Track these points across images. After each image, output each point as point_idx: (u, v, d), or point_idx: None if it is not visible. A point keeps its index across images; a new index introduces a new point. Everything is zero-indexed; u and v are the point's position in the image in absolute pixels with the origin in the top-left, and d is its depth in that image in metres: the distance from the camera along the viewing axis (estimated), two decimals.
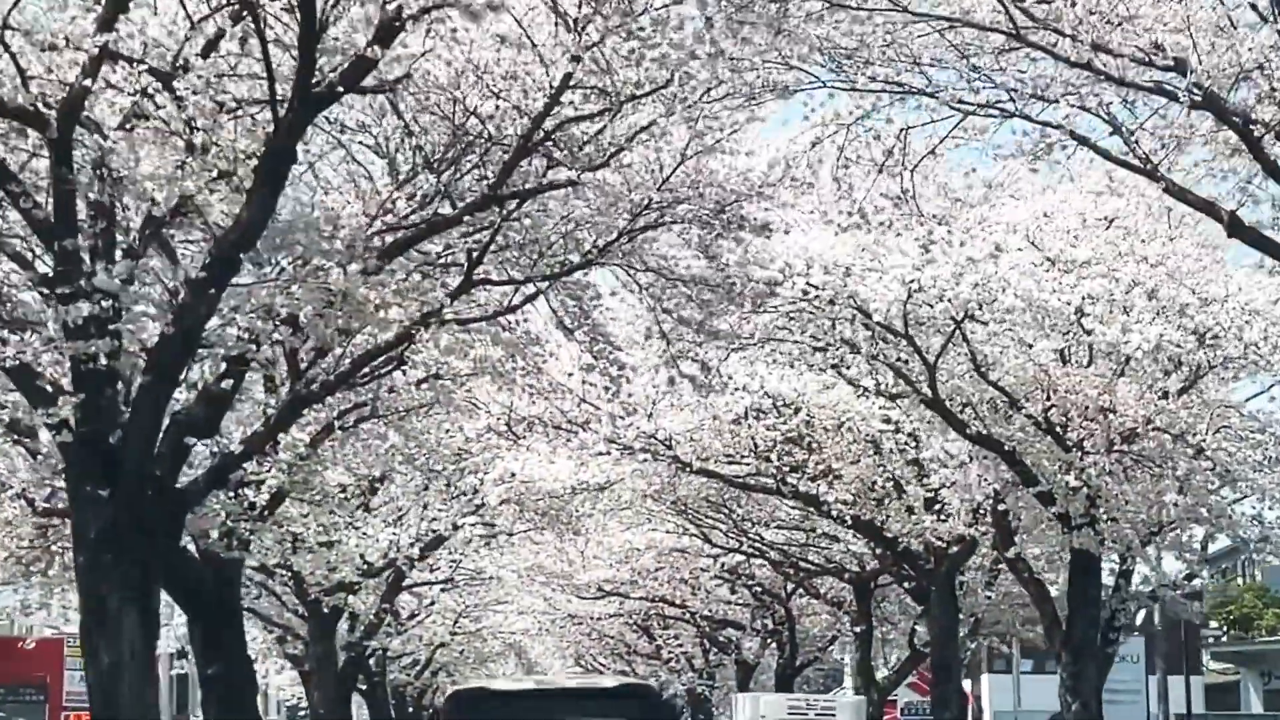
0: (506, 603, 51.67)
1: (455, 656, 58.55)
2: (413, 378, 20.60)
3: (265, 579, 30.41)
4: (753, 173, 17.57)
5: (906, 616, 39.93)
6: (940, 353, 21.47)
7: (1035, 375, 21.58)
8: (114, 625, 12.98)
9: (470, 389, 23.14)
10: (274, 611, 32.25)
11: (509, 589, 48.31)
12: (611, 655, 65.94)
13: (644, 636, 59.86)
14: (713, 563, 41.74)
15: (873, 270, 20.40)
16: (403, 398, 21.66)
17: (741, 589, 46.01)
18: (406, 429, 22.50)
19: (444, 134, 16.97)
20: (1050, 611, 23.28)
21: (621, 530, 39.67)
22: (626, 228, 17.45)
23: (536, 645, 66.38)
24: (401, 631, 44.89)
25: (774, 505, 36.79)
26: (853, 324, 21.84)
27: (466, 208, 15.06)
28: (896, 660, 40.02)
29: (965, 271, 19.81)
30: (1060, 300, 20.05)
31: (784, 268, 19.89)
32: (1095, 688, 22.51)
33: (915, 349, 21.36)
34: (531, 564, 44.71)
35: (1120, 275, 20.50)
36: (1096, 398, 20.96)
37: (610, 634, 60.62)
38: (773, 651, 50.31)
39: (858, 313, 21.10)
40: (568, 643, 63.71)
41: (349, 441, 22.09)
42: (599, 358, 19.50)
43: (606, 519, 38.05)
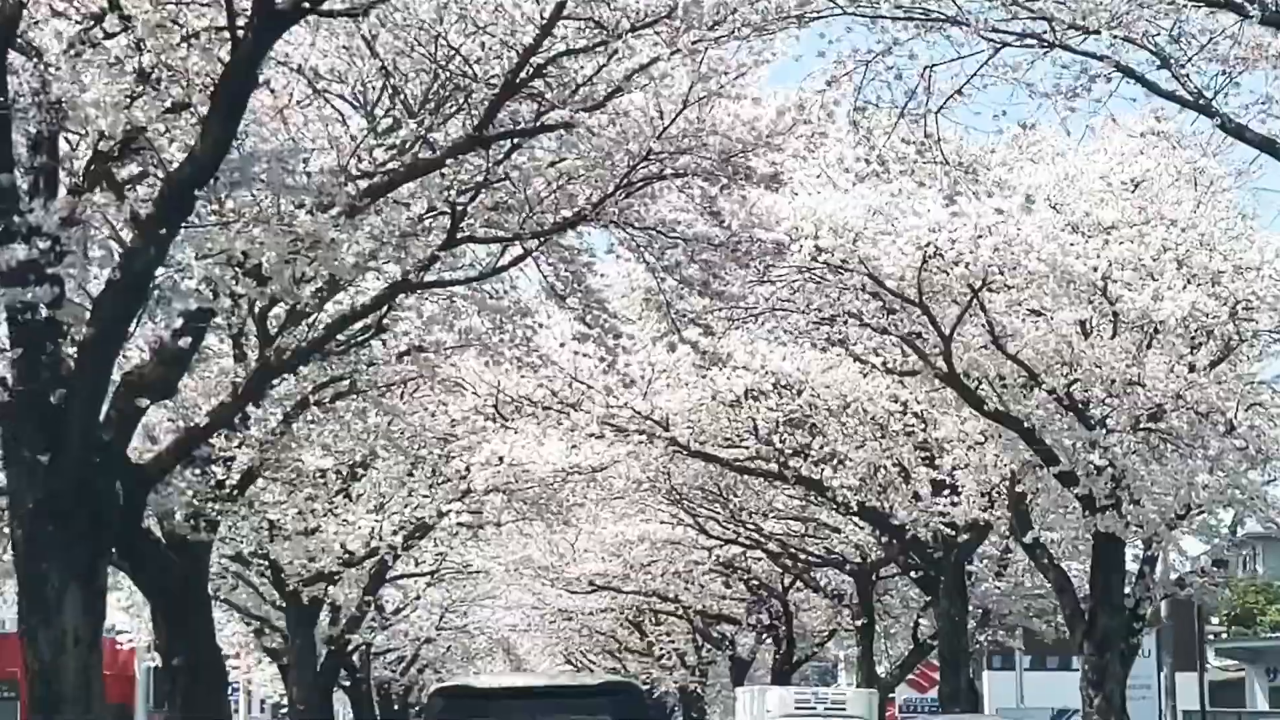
0: (494, 597, 50.33)
1: (442, 653, 57.22)
2: (393, 349, 19.24)
3: (241, 569, 29.06)
4: (760, 122, 16.24)
5: (908, 610, 38.65)
6: (956, 324, 20.14)
7: (1057, 348, 20.26)
8: (54, 607, 11.60)
9: (455, 364, 21.74)
10: (251, 603, 30.86)
11: (497, 583, 46.99)
12: (602, 652, 64.60)
13: (635, 633, 58.52)
14: (707, 556, 40.40)
15: (886, 234, 19.09)
16: (383, 372, 20.31)
17: (737, 583, 44.72)
18: (387, 406, 21.13)
19: (424, 80, 15.66)
20: (1071, 600, 21.97)
21: (614, 522, 38.33)
22: (623, 181, 16.13)
23: (525, 642, 65.02)
24: (386, 626, 43.53)
25: (772, 495, 35.49)
26: (862, 294, 20.51)
27: (450, 150, 13.72)
28: (899, 655, 38.67)
29: (985, 234, 18.51)
30: (1085, 265, 18.75)
31: (791, 230, 18.55)
32: (1119, 681, 21.22)
33: (930, 319, 20.04)
34: (520, 557, 43.38)
35: (1149, 239, 19.20)
36: (1124, 370, 19.63)
37: (601, 630, 59.29)
38: (768, 647, 48.98)
39: (869, 279, 19.77)
40: (557, 639, 62.35)
41: (327, 420, 20.71)
42: (593, 326, 18.15)
43: (598, 509, 36.73)
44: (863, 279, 19.87)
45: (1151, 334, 20.29)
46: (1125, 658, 21.73)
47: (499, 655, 66.99)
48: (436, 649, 53.96)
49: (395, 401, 21.31)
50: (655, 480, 32.82)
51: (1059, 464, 20.47)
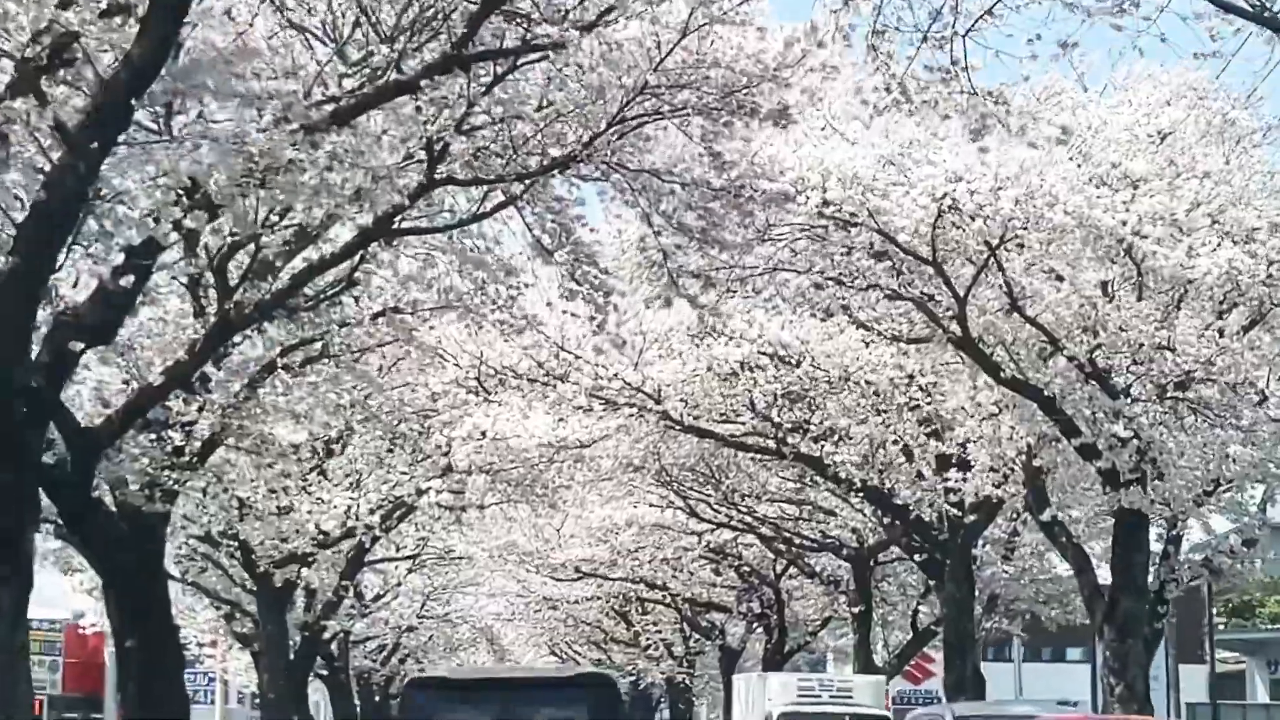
0: (477, 585, 48.90)
1: (424, 642, 55.71)
2: (366, 308, 17.81)
3: (210, 549, 27.67)
4: (766, 54, 14.86)
5: (906, 597, 37.31)
6: (972, 284, 18.77)
7: (1079, 310, 18.89)
8: None
9: (434, 328, 20.32)
10: (221, 586, 29.43)
11: (480, 569, 45.56)
12: (587, 643, 63.17)
13: (621, 623, 57.10)
14: (697, 541, 39.01)
15: (898, 185, 17.72)
16: (356, 335, 18.88)
17: (727, 570, 43.34)
18: (361, 372, 19.70)
19: (400, 4, 14.27)
20: (1091, 581, 20.60)
21: (601, 505, 36.93)
22: (616, 119, 14.74)
23: (509, 631, 63.47)
24: (365, 613, 42.05)
25: (765, 477, 34.12)
26: (871, 253, 19.13)
27: (426, 70, 12.29)
28: (897, 644, 37.30)
29: (1006, 185, 17.14)
30: (1113, 219, 17.38)
31: (797, 181, 17.17)
32: (1143, 667, 19.85)
33: (944, 279, 18.67)
34: (504, 542, 41.99)
35: (1181, 193, 17.84)
36: (1153, 334, 18.27)
37: (586, 620, 57.84)
38: (758, 636, 47.62)
39: (878, 235, 18.40)
40: (542, 629, 60.84)
41: (297, 387, 19.26)
42: (582, 283, 16.77)
43: (585, 491, 35.34)
44: (871, 236, 18.50)
45: (1180, 296, 18.94)
46: (1149, 643, 20.38)
47: (482, 645, 65.49)
48: (418, 638, 52.47)
49: (370, 368, 19.83)
50: (645, 460, 31.44)
51: (1080, 436, 19.13)
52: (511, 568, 44.38)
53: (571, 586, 48.17)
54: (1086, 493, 21.02)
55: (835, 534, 33.54)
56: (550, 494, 33.28)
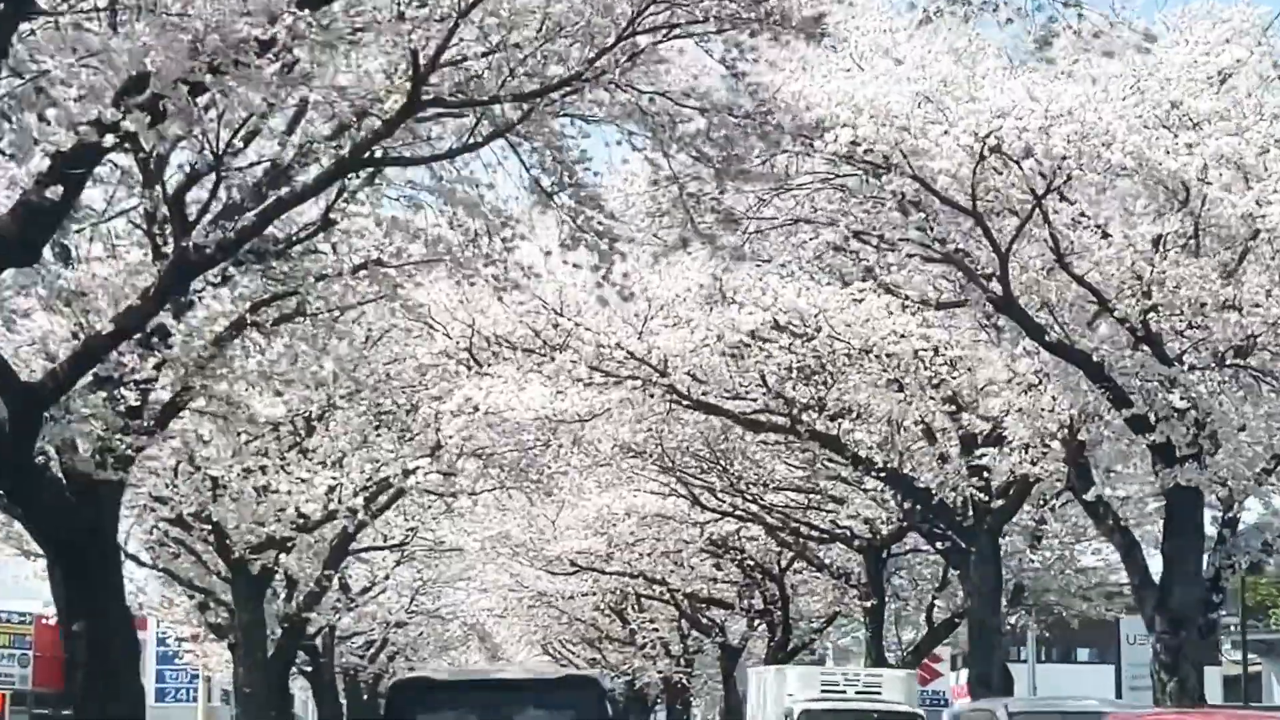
0: (469, 579, 47.09)
1: (413, 639, 53.92)
2: (345, 256, 16.01)
3: (182, 533, 25.87)
4: None
5: (918, 591, 35.60)
6: (1015, 236, 17.01)
7: (1131, 268, 17.13)
8: None
9: (421, 283, 18.48)
10: (194, 573, 27.63)
11: (471, 562, 43.76)
12: (581, 641, 61.42)
13: (617, 620, 55.33)
14: (699, 533, 37.25)
15: (936, 123, 15.98)
16: (335, 291, 17.09)
17: (729, 564, 41.59)
18: (342, 331, 17.89)
19: None
20: (1141, 567, 18.82)
21: (598, 493, 35.19)
22: (626, 31, 13.00)
23: (501, 629, 61.69)
24: (352, 607, 40.27)
25: (772, 464, 32.40)
26: (901, 204, 17.37)
27: None
28: (910, 641, 35.54)
29: (1059, 121, 15.40)
30: (1177, 162, 15.64)
31: (824, 119, 15.42)
32: (1196, 664, 18.10)
33: (985, 230, 16.91)
34: (497, 533, 40.21)
35: (1250, 135, 16.09)
36: (1217, 292, 16.52)
37: (581, 618, 56.08)
38: (760, 634, 45.93)
39: (912, 182, 16.64)
40: (535, 626, 59.04)
41: (270, 348, 17.43)
42: (585, 229, 15.02)
43: (582, 478, 33.62)
44: (904, 183, 16.73)
45: (1243, 251, 17.19)
46: (1204, 635, 18.65)
47: (474, 643, 63.69)
48: (408, 635, 50.66)
49: (352, 332, 18.03)
50: (646, 444, 29.73)
51: (1130, 407, 17.39)
52: (504, 560, 42.60)
53: (567, 581, 46.44)
54: (1135, 470, 19.25)
55: (846, 524, 31.81)
56: (545, 480, 31.61)
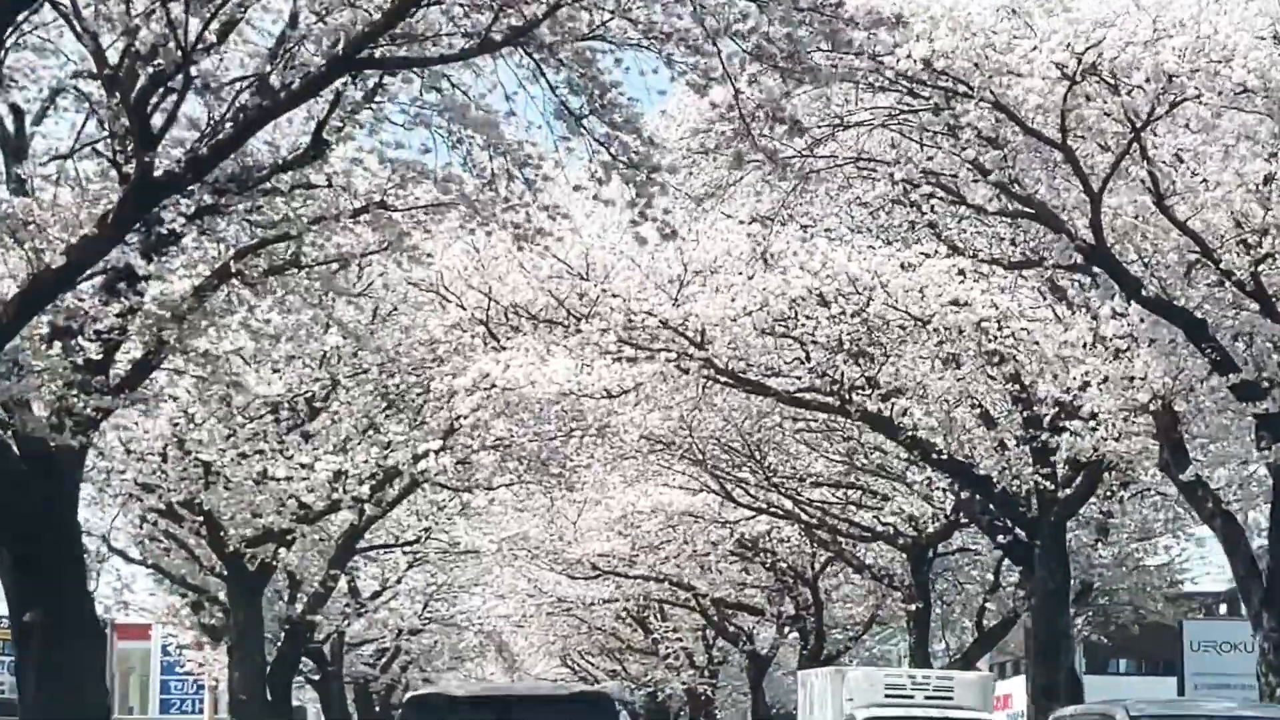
0: (485, 584, 44.85)
1: (427, 649, 51.67)
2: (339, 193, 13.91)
3: (172, 525, 23.76)
4: None
5: (962, 594, 33.41)
6: (1110, 175, 14.87)
7: (1241, 211, 14.99)
8: None
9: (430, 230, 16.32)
10: (186, 570, 25.51)
11: (487, 565, 41.54)
12: (601, 652, 59.23)
13: (639, 629, 53.12)
14: (728, 535, 35.06)
15: (1022, 38, 13.86)
16: (333, 238, 14.99)
17: (758, 568, 39.40)
18: (340, 288, 15.77)
19: None
20: (1246, 556, 16.66)
21: (623, 488, 33.03)
22: None
23: (519, 639, 59.45)
24: (361, 612, 38.13)
25: (809, 458, 30.26)
26: (979, 141, 15.24)
27: None
28: (958, 648, 33.30)
29: (1168, 34, 13.28)
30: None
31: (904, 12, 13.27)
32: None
33: (1075, 167, 14.77)
34: (514, 534, 38.04)
35: None
36: None
37: (601, 627, 53.86)
38: (791, 642, 43.73)
39: (992, 110, 14.52)
40: (554, 636, 56.80)
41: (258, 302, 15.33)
42: (619, 156, 12.95)
43: (606, 471, 31.47)
44: (982, 113, 14.59)
45: None
46: None
47: (491, 653, 61.39)
48: (421, 643, 48.40)
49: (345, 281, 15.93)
50: (675, 434, 27.62)
51: (1236, 371, 15.25)
52: (522, 563, 40.38)
53: (588, 586, 44.28)
54: (1239, 445, 17.10)
55: (890, 521, 29.65)
56: (567, 474, 29.47)
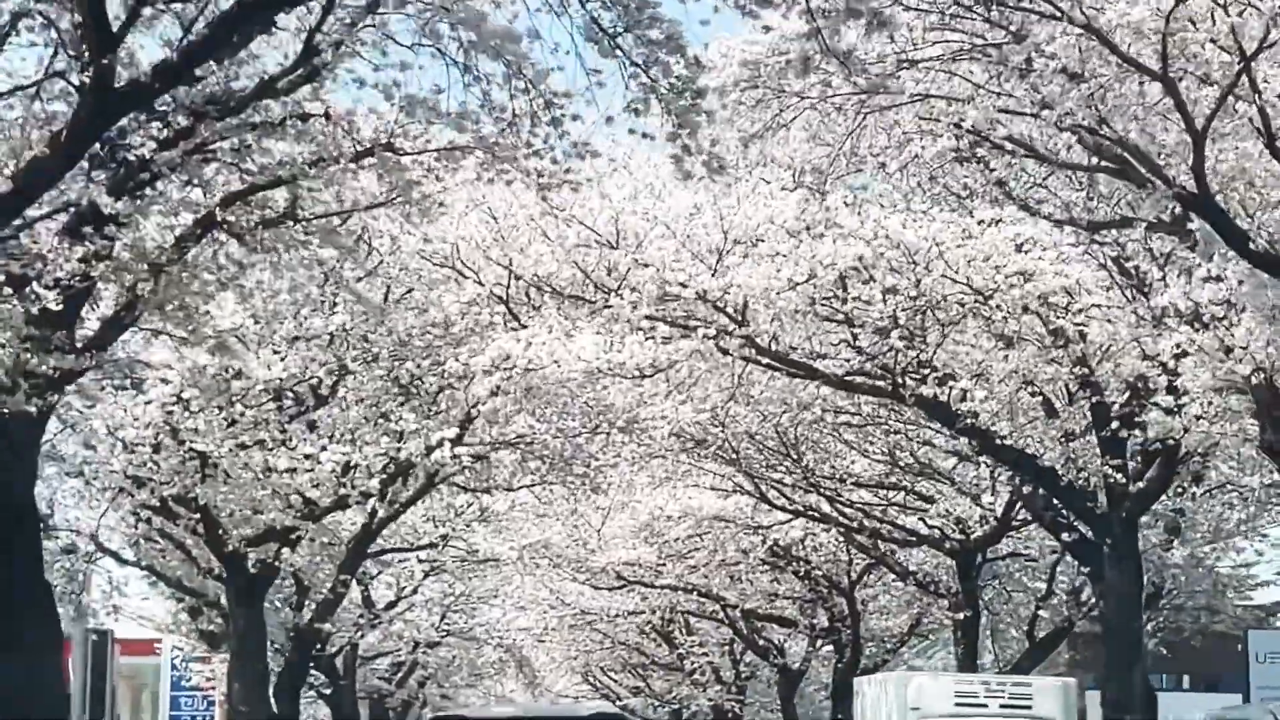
0: (504, 595, 42.97)
1: (446, 664, 49.79)
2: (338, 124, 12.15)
3: (167, 523, 22.01)
4: None
5: (1010, 603, 31.56)
6: (1215, 112, 13.05)
7: None
8: None
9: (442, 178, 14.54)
10: (182, 571, 23.74)
11: (507, 575, 39.70)
12: (625, 668, 57.32)
13: (663, 644, 51.24)
14: (760, 542, 33.20)
15: None
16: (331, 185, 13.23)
17: (790, 577, 37.52)
18: (340, 242, 13.99)
19: None
20: None
21: (650, 489, 31.24)
22: None
23: (540, 655, 57.58)
24: (375, 623, 36.33)
25: (849, 458, 28.46)
26: (1062, 77, 13.44)
27: None
28: (1008, 659, 31.37)
29: None
30: None
31: None
32: None
33: (1178, 102, 12.97)
34: (536, 541, 36.23)
35: None
36: None
37: (625, 641, 51.98)
38: (824, 656, 41.87)
39: (1080, 37, 12.74)
40: (576, 652, 54.92)
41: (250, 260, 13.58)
42: (658, 80, 11.27)
43: (633, 471, 29.70)
44: (1069, 42, 12.82)
45: None
46: None
47: (511, 669, 59.45)
48: (439, 657, 46.50)
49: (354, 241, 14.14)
50: (707, 431, 25.85)
51: None
52: (544, 572, 38.54)
53: (612, 598, 42.43)
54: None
55: (936, 524, 27.82)
56: (592, 474, 27.75)
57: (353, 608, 37.22)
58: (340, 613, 35.93)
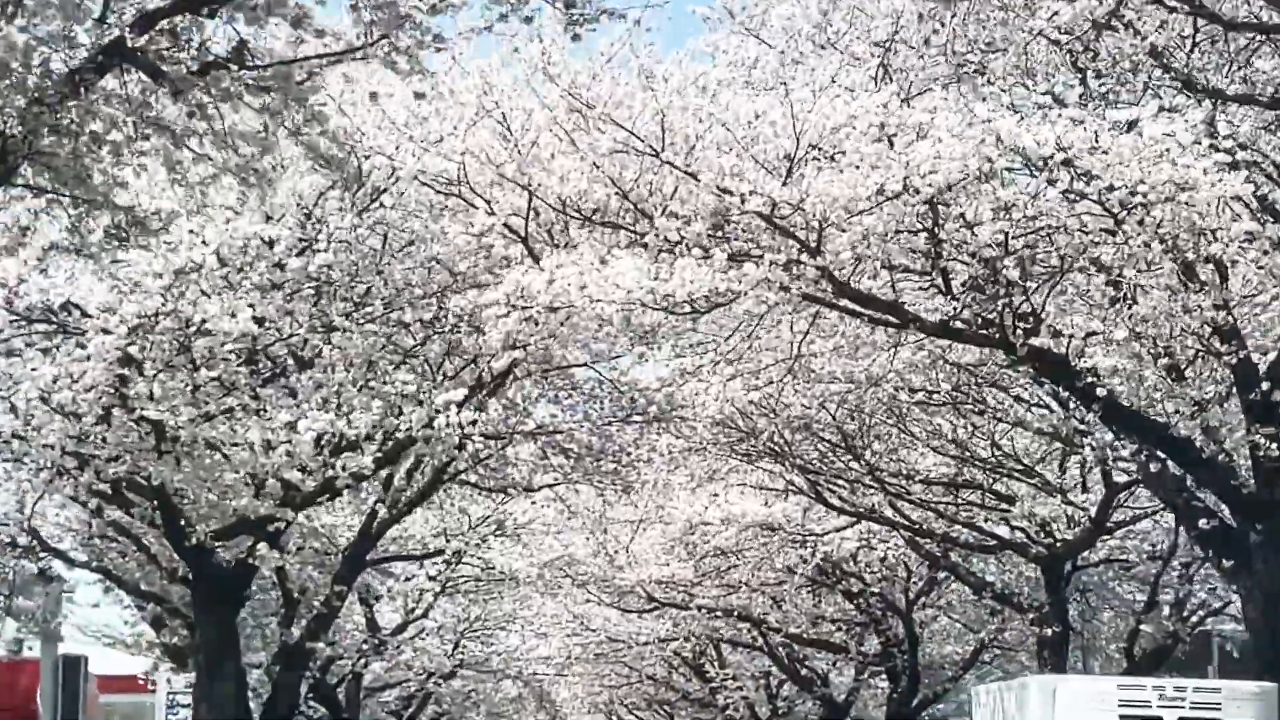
0: (524, 620, 39.20)
1: (460, 697, 45.97)
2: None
3: (123, 517, 18.45)
4: None
5: (1093, 620, 27.87)
6: None
7: None
8: None
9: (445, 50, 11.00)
10: (141, 575, 20.13)
11: (526, 596, 36.01)
12: (651, 705, 53.67)
13: (694, 677, 47.59)
14: (809, 554, 29.50)
15: None
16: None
17: (838, 597, 33.92)
18: (302, 98, 10.42)
19: None
20: None
21: (688, 491, 27.66)
22: None
23: (561, 690, 53.87)
24: (381, 648, 32.63)
25: (917, 455, 24.91)
26: None
27: None
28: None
29: None
30: None
31: None
32: None
33: None
34: (559, 556, 32.63)
35: None
36: None
37: (654, 675, 48.35)
38: (873, 689, 38.23)
39: None
40: (600, 687, 51.29)
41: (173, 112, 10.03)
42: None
43: (669, 470, 26.16)
44: None
45: None
46: None
47: (531, 705, 55.63)
48: (453, 689, 42.62)
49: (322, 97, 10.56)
50: (757, 412, 22.39)
51: None
52: (567, 591, 34.83)
53: (641, 623, 38.79)
54: None
55: (1020, 526, 24.20)
56: (624, 470, 24.32)
57: (356, 633, 33.66)
58: (343, 639, 32.44)
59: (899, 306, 15.30)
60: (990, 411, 21.83)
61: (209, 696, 18.30)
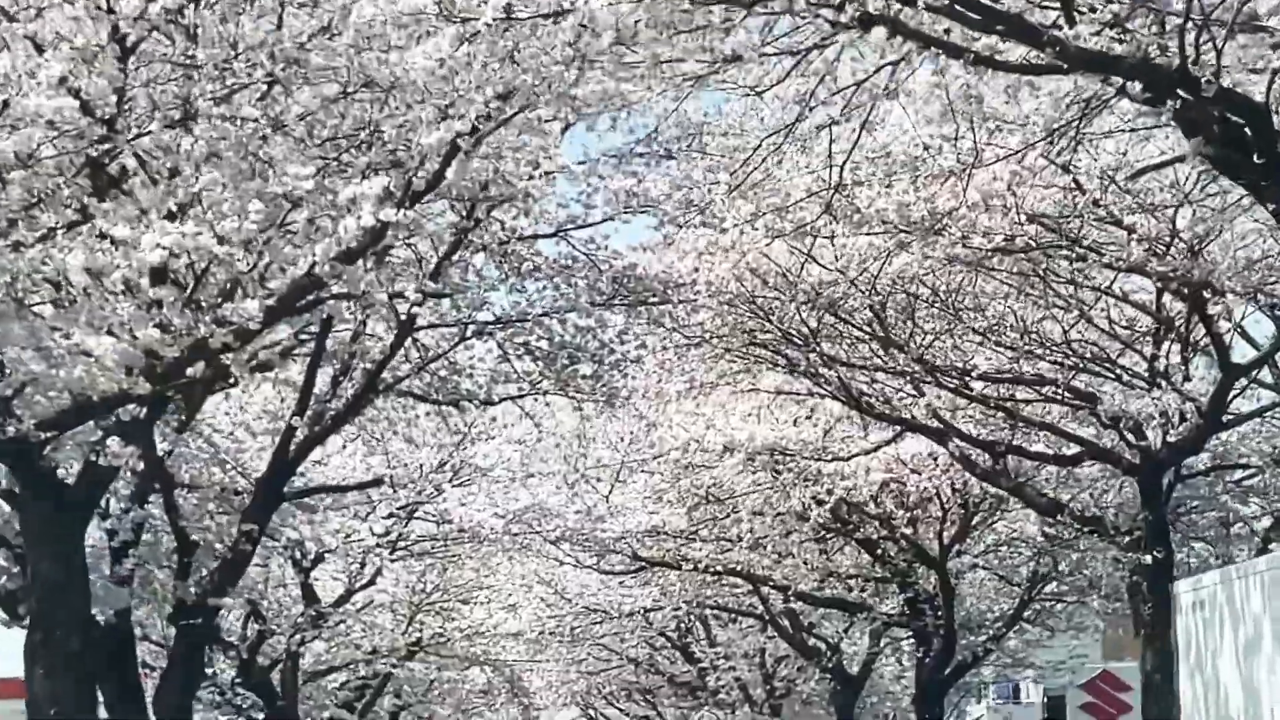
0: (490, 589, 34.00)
1: (422, 687, 40.75)
2: None
3: None
4: None
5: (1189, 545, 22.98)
6: None
7: None
8: None
9: None
10: None
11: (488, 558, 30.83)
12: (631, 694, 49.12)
13: (681, 658, 42.96)
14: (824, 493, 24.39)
15: None
16: None
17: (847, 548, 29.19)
18: None
19: None
20: None
21: (689, 403, 22.59)
22: None
23: (535, 678, 48.89)
24: (320, 620, 27.23)
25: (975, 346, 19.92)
26: None
27: None
28: None
29: None
30: None
31: None
32: None
33: None
34: (528, 505, 27.51)
35: None
36: None
37: (636, 658, 43.65)
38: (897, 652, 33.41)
39: None
40: (576, 674, 46.53)
41: None
42: None
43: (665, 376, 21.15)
44: None
45: None
46: None
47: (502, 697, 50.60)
48: (411, 675, 37.31)
49: None
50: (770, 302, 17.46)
51: None
52: (538, 549, 29.69)
53: (624, 590, 33.92)
54: None
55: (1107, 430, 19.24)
56: (605, 376, 19.53)
57: (292, 605, 28.42)
58: (277, 612, 27.36)
59: (1030, 24, 10.21)
60: (1077, 272, 16.85)
61: (45, 657, 12.99)
